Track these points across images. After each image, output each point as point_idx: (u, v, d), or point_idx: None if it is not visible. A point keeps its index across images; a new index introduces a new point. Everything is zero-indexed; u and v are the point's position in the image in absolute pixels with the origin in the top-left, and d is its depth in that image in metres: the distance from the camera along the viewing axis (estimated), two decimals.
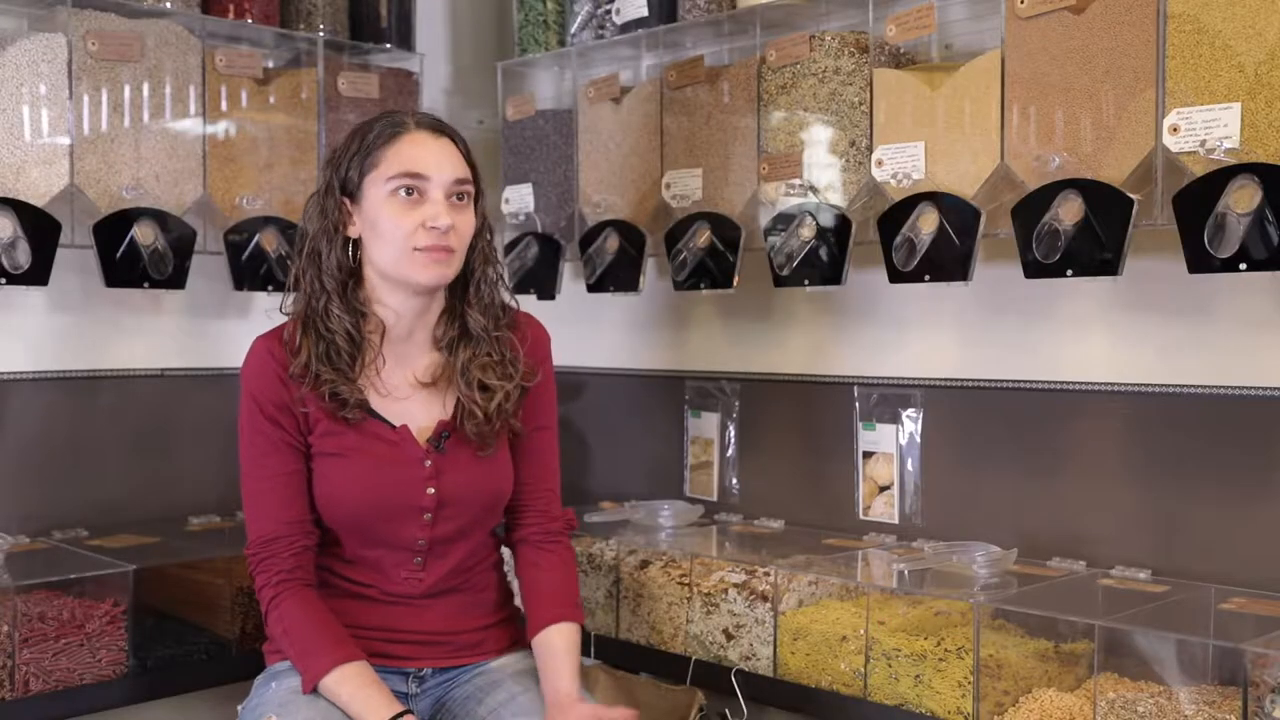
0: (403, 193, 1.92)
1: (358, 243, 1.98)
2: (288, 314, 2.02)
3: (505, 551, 2.18)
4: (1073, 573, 2.27)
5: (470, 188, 1.98)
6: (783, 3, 2.44)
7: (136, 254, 2.43)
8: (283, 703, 1.89)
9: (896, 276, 2.23)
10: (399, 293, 1.97)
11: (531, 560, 2.09)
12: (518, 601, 2.15)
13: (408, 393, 2.01)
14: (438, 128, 1.99)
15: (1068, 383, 2.36)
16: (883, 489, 2.61)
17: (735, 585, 2.35)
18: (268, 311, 2.11)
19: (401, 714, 1.84)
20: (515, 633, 2.10)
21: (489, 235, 2.07)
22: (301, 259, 2.00)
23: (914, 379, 2.57)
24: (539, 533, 2.10)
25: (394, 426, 1.98)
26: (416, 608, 2.01)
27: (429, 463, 1.97)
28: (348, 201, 1.97)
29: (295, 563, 1.95)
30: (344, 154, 1.99)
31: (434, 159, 1.94)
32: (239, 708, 2.00)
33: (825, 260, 2.35)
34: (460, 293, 2.03)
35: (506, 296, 2.09)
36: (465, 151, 2.00)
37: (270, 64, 2.77)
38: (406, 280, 1.94)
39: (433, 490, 1.97)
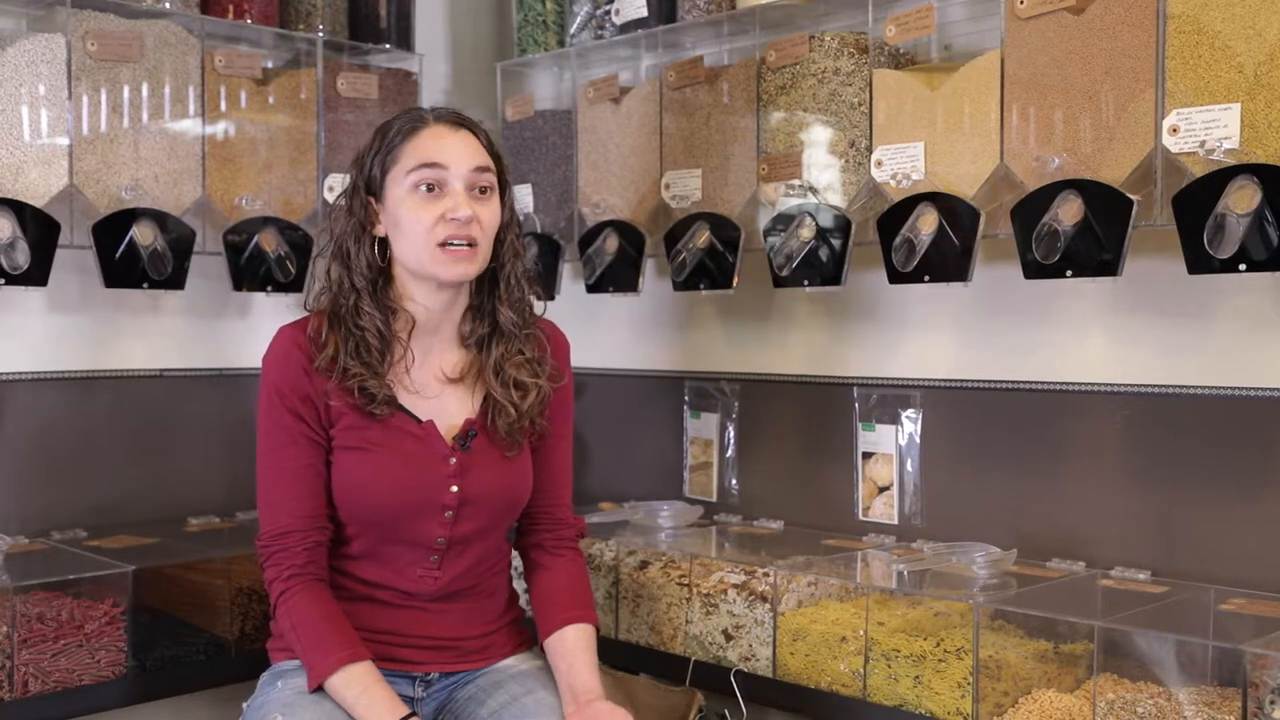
0: (423, 188, 1.92)
1: (385, 241, 1.98)
2: (310, 310, 2.01)
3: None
4: (1072, 573, 2.27)
5: (492, 178, 1.97)
6: (782, 3, 2.44)
7: (136, 254, 2.43)
8: (288, 703, 1.88)
9: (896, 277, 2.23)
10: (425, 288, 1.97)
11: (545, 565, 2.09)
12: (522, 603, 2.15)
13: (436, 390, 2.00)
14: (457, 120, 1.98)
15: (1067, 383, 2.36)
16: (882, 490, 2.61)
17: (735, 586, 2.35)
18: (288, 306, 2.10)
19: (407, 717, 1.83)
20: (520, 636, 2.10)
21: (518, 230, 2.06)
22: (328, 257, 2.00)
23: (914, 380, 2.57)
24: (552, 539, 2.11)
25: (420, 421, 1.98)
26: (426, 612, 2.00)
27: (454, 460, 1.97)
28: (373, 200, 1.98)
29: (308, 557, 1.94)
30: (367, 153, 1.99)
31: (453, 150, 1.93)
32: (244, 705, 1.99)
33: (825, 261, 2.35)
34: (490, 288, 2.03)
35: (533, 299, 2.08)
36: (488, 143, 1.99)
37: (269, 64, 2.76)
38: (431, 276, 1.94)
39: (456, 488, 1.96)
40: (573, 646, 1.99)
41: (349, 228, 1.97)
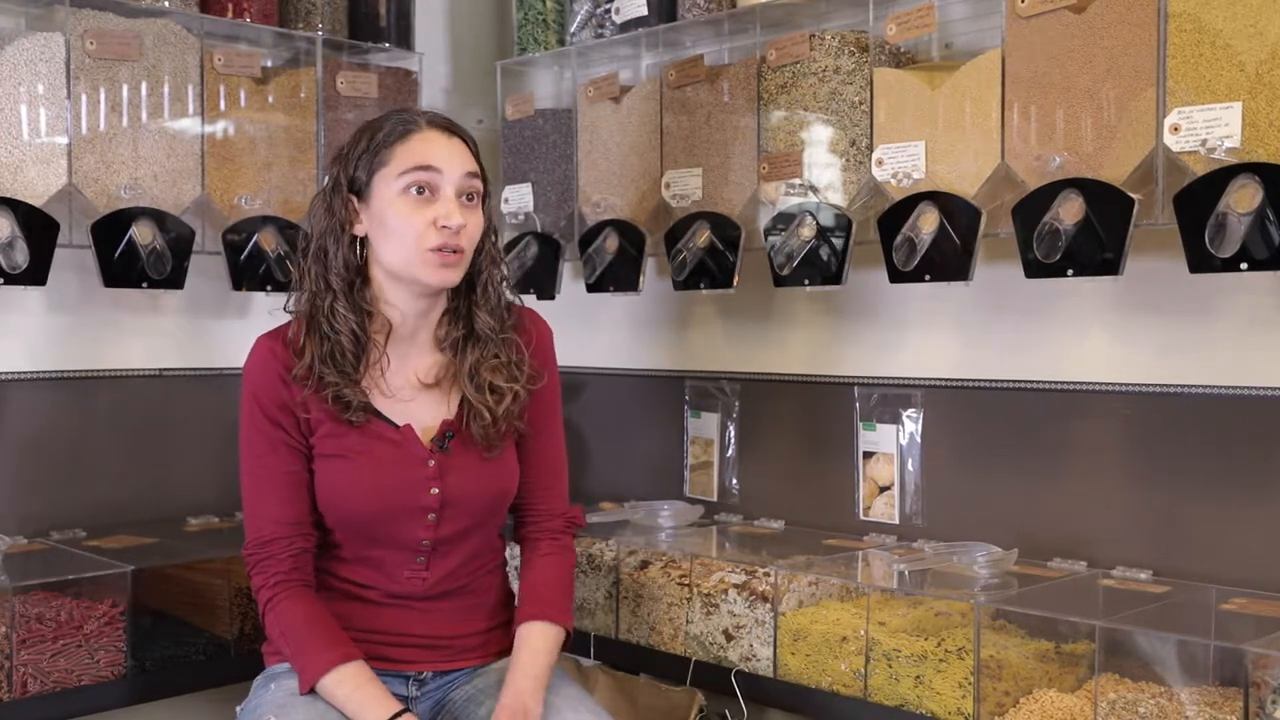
0: (414, 191, 1.91)
1: (364, 241, 1.98)
2: (291, 313, 2.01)
3: (508, 553, 2.17)
4: (1073, 573, 2.27)
5: (480, 187, 1.98)
6: (782, 2, 2.44)
7: (135, 254, 2.43)
8: (281, 704, 1.88)
9: (897, 276, 2.23)
10: (405, 292, 1.97)
11: (526, 559, 2.10)
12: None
13: (411, 394, 2.00)
14: (449, 127, 1.98)
15: (1068, 383, 2.36)
16: (883, 489, 2.61)
17: (735, 586, 2.35)
18: (270, 311, 2.11)
19: (400, 713, 1.84)
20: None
21: (494, 237, 2.07)
22: (307, 258, 1.99)
23: (914, 379, 2.57)
24: (537, 531, 2.10)
25: (397, 426, 1.98)
26: (418, 611, 2.00)
27: (432, 463, 1.97)
28: (355, 199, 1.97)
29: (293, 564, 1.95)
30: (352, 151, 1.97)
31: (446, 155, 1.93)
32: (238, 709, 1.99)
33: (825, 260, 2.35)
34: (466, 293, 2.02)
35: (509, 295, 2.08)
36: (475, 152, 2.00)
37: (269, 63, 2.76)
38: (415, 280, 1.94)
39: (436, 491, 1.96)
40: (523, 643, 1.97)
41: (328, 226, 1.96)
